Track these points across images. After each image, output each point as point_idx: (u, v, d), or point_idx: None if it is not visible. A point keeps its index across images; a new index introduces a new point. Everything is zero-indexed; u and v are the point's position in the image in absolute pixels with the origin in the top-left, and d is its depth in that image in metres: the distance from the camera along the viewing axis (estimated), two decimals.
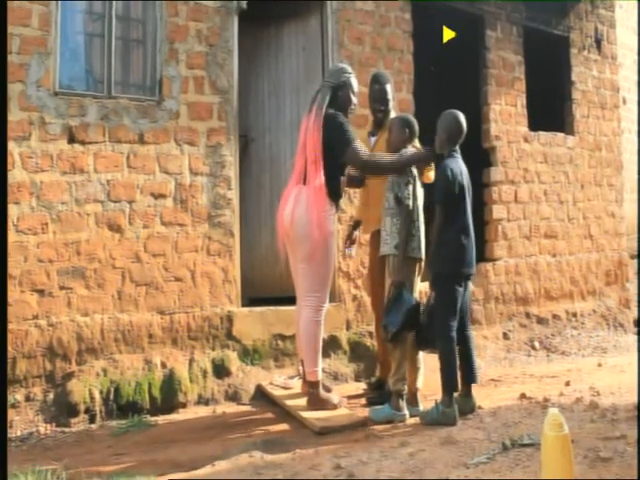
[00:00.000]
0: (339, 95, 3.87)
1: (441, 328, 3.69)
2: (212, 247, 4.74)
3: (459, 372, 3.75)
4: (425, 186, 4.08)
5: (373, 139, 4.35)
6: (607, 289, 7.35)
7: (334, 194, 3.82)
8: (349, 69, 4.03)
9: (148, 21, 4.78)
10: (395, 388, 3.80)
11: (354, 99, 3.98)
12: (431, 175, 4.07)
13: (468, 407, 3.78)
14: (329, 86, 3.87)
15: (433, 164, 4.04)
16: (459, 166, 3.79)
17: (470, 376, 3.84)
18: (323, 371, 4.66)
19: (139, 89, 4.76)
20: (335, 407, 3.91)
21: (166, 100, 4.67)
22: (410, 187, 3.81)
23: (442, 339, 3.69)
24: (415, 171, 3.89)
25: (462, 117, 3.86)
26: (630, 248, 8.56)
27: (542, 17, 6.99)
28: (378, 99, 4.26)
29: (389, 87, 4.27)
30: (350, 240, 4.54)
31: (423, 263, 3.94)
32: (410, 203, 3.79)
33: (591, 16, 7.59)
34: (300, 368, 4.61)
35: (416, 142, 4.10)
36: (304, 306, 3.85)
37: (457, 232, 3.73)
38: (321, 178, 3.70)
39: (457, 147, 3.86)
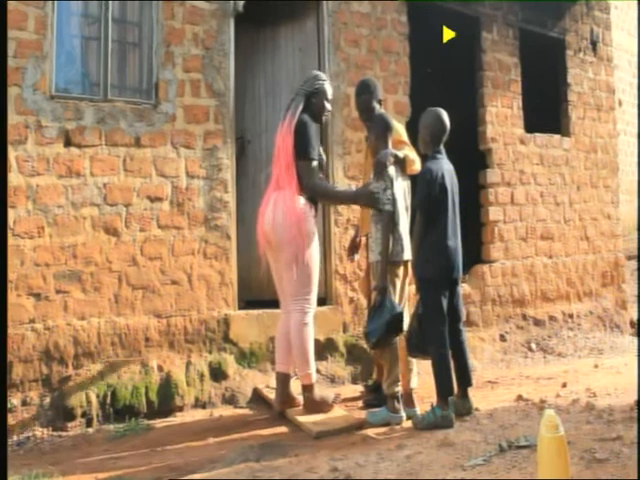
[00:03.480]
0: (313, 102, 3.94)
1: (431, 333, 3.66)
2: (209, 250, 4.74)
3: (454, 375, 3.75)
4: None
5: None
6: (603, 290, 7.37)
7: (310, 196, 3.85)
8: (323, 76, 4.09)
9: (144, 24, 4.78)
10: (390, 391, 3.81)
11: (328, 106, 4.07)
12: (416, 167, 4.06)
13: (464, 409, 3.79)
14: (303, 93, 3.93)
15: (415, 158, 4.05)
16: (441, 167, 3.75)
17: (465, 379, 3.84)
18: (319, 373, 4.67)
19: (135, 92, 4.75)
20: (332, 407, 3.96)
21: (162, 103, 4.67)
22: (389, 192, 3.78)
23: (433, 344, 3.66)
24: (393, 174, 3.85)
25: (445, 115, 3.84)
26: (626, 249, 8.58)
27: (538, 19, 7.01)
28: (362, 109, 4.25)
29: (374, 95, 4.20)
30: (354, 247, 4.49)
31: (410, 264, 3.92)
32: (390, 208, 3.76)
33: (586, 18, 7.61)
34: (295, 371, 4.62)
35: (406, 139, 4.13)
36: (292, 310, 3.85)
37: (440, 235, 3.69)
38: (295, 182, 3.76)
39: (441, 147, 3.83)
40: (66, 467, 3.29)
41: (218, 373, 4.56)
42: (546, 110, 7.20)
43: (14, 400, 4.00)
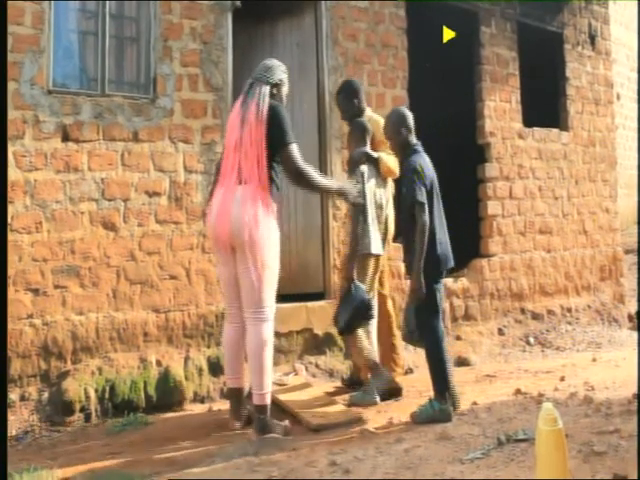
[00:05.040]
0: (275, 93, 3.62)
1: (427, 327, 3.64)
2: (207, 245, 4.73)
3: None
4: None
5: None
6: (601, 284, 7.38)
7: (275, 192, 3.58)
8: (285, 68, 3.77)
9: (142, 19, 4.77)
10: (363, 375, 4.03)
11: (285, 100, 3.78)
12: (393, 169, 4.16)
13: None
14: (267, 82, 3.59)
15: (389, 159, 4.13)
16: (425, 160, 3.72)
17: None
18: (318, 368, 4.67)
19: (133, 87, 4.74)
20: (287, 431, 3.55)
21: (160, 98, 4.66)
22: (359, 186, 3.88)
23: (429, 338, 3.65)
24: (365, 172, 3.96)
25: (407, 110, 3.90)
26: (624, 243, 8.59)
27: (536, 13, 7.00)
28: (342, 109, 4.45)
29: (353, 95, 4.34)
30: None
31: (381, 260, 4.08)
32: (361, 202, 3.85)
33: (585, 12, 7.61)
34: (295, 365, 4.62)
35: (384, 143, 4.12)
36: (254, 319, 3.47)
37: (430, 228, 3.60)
38: (265, 176, 3.44)
39: (418, 142, 3.79)
40: (64, 462, 3.29)
41: (217, 368, 4.56)
42: (544, 104, 7.20)
43: (12, 395, 4.00)
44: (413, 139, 3.76)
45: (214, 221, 3.51)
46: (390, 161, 4.16)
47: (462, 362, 5.51)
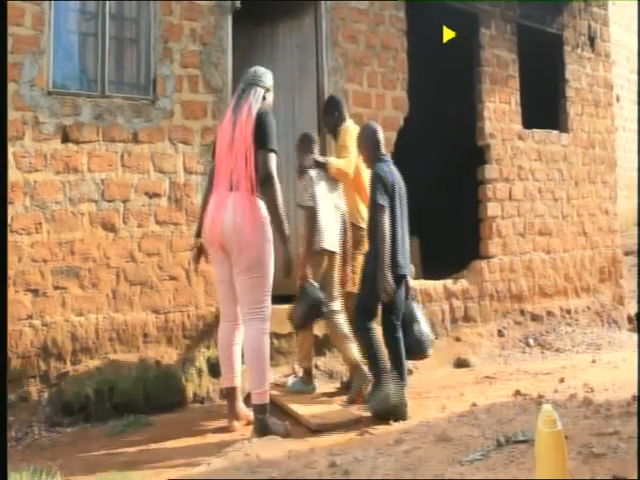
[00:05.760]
0: (265, 97, 3.71)
1: (359, 326, 3.93)
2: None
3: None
4: None
5: None
6: (601, 286, 7.38)
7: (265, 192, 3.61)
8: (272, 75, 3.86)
9: (142, 20, 4.77)
10: (303, 365, 4.37)
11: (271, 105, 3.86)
12: (343, 169, 4.35)
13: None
14: (261, 87, 3.69)
15: (337, 163, 4.35)
16: (390, 168, 3.95)
17: (400, 374, 3.91)
18: (317, 369, 4.67)
19: (133, 88, 4.74)
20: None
21: (160, 99, 4.67)
22: (310, 190, 4.17)
23: (363, 338, 3.91)
24: (314, 175, 4.21)
25: (378, 126, 4.18)
26: (624, 245, 8.59)
27: (536, 15, 7.01)
28: (324, 121, 4.80)
29: (337, 107, 4.61)
30: None
31: (336, 256, 4.23)
32: (311, 204, 4.14)
33: (584, 14, 7.61)
34: (295, 367, 4.62)
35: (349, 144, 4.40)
36: (252, 319, 3.54)
37: (395, 233, 3.84)
38: (254, 177, 3.50)
39: (385, 153, 4.08)
40: (64, 463, 3.30)
41: (216, 368, 4.53)
42: (544, 106, 7.21)
43: (12, 396, 3.99)
44: (382, 151, 4.06)
45: (208, 228, 3.61)
46: (341, 164, 4.36)
47: (462, 363, 5.51)
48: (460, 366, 5.47)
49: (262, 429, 3.48)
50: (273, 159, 3.55)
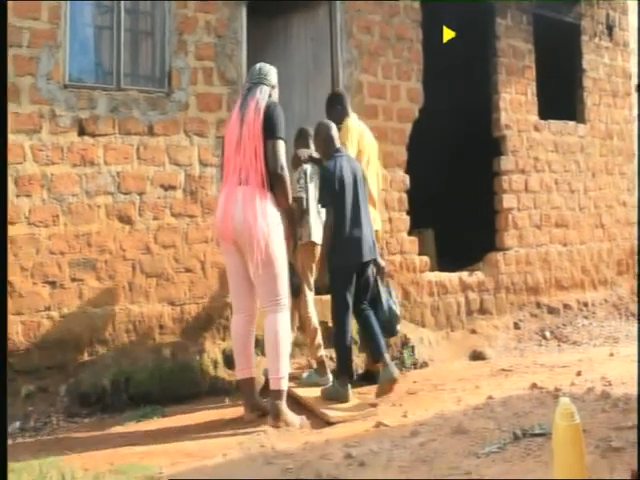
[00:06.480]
0: (271, 95, 3.75)
1: (334, 320, 4.07)
2: None
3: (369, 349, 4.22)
4: None
5: None
6: (619, 278, 7.31)
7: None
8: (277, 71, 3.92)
9: (157, 13, 4.77)
10: (314, 357, 4.38)
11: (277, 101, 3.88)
12: None
13: (386, 377, 3.94)
14: (268, 84, 3.76)
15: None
16: (340, 164, 4.06)
17: (374, 352, 4.10)
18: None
19: (148, 81, 4.76)
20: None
21: (175, 92, 4.67)
22: (302, 181, 4.28)
23: (335, 329, 4.05)
24: (308, 169, 4.31)
25: (331, 123, 4.29)
26: None
27: (552, 4, 6.92)
28: (327, 116, 4.65)
29: (340, 102, 4.65)
30: None
31: (318, 247, 4.25)
32: (303, 196, 4.25)
33: (602, 2, 7.50)
34: (309, 359, 4.63)
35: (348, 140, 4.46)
36: (272, 309, 3.64)
37: (341, 226, 3.98)
38: (264, 170, 3.56)
39: (339, 148, 4.18)
40: (82, 453, 3.33)
41: (231, 360, 4.53)
42: (561, 96, 7.13)
43: (31, 386, 4.05)
44: (336, 147, 4.17)
45: (219, 222, 3.68)
46: None
47: (477, 356, 5.48)
48: (476, 359, 5.45)
49: (277, 414, 3.55)
50: (282, 147, 3.64)
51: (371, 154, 4.64)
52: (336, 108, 4.63)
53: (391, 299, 4.28)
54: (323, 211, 4.24)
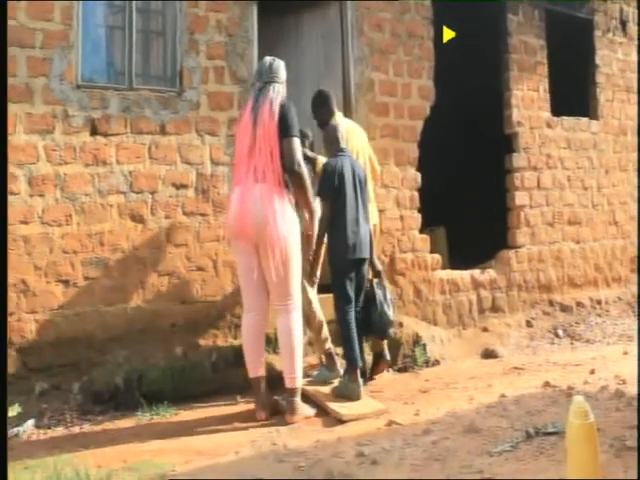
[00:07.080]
0: (281, 92, 3.79)
1: (336, 313, 4.14)
2: None
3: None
4: None
5: None
6: (632, 276, 7.25)
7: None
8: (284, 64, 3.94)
9: (168, 13, 4.79)
10: (322, 352, 4.39)
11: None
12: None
13: (342, 391, 3.99)
14: (279, 82, 3.79)
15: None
16: (341, 161, 4.14)
17: (348, 361, 4.06)
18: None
19: (160, 80, 4.78)
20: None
21: (187, 91, 4.69)
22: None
23: (340, 323, 4.10)
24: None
25: (337, 124, 4.39)
26: None
27: (565, 0, 6.86)
28: (314, 117, 4.69)
29: (325, 102, 4.61)
30: None
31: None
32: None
33: None
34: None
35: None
36: (286, 309, 3.71)
37: (340, 222, 4.03)
38: (280, 170, 3.60)
39: (342, 147, 4.24)
40: (95, 450, 3.35)
41: (243, 358, 4.57)
42: (573, 93, 7.08)
43: (45, 384, 4.09)
44: (340, 146, 4.24)
45: (234, 220, 3.68)
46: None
47: (489, 354, 5.46)
48: (488, 357, 5.43)
49: (292, 411, 3.66)
50: (298, 144, 3.68)
51: (360, 151, 4.61)
52: (321, 108, 4.62)
53: (385, 303, 4.26)
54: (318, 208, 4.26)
